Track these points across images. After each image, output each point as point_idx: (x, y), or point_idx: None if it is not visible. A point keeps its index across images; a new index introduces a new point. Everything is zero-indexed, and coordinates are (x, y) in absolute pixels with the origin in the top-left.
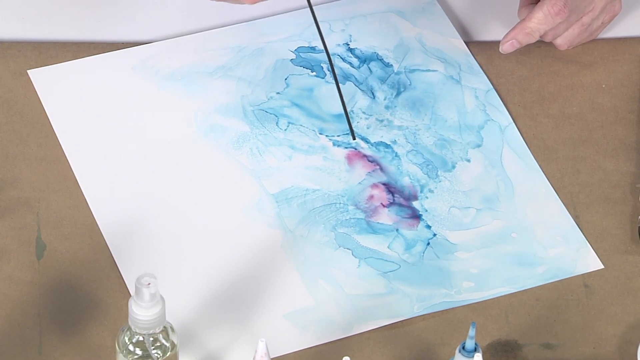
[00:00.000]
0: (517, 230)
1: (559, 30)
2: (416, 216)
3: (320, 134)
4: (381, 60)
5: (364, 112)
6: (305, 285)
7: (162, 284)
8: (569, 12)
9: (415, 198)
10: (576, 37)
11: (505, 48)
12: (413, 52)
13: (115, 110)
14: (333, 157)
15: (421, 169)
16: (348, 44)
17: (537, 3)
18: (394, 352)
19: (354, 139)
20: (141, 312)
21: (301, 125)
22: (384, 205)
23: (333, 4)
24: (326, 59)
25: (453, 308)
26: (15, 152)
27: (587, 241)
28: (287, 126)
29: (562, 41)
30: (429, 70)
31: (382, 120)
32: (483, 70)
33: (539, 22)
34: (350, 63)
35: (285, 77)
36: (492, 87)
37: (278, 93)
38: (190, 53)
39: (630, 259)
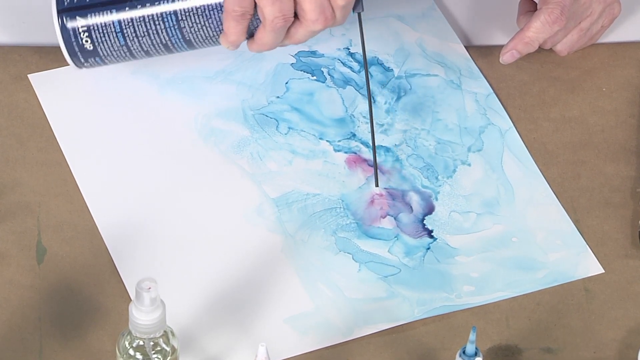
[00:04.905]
0: (518, 235)
1: (557, 37)
2: (422, 227)
3: (320, 138)
4: (381, 64)
5: (364, 117)
6: (305, 290)
7: (162, 288)
8: (567, 19)
9: (429, 211)
10: (575, 42)
11: (506, 59)
12: (413, 56)
13: (116, 114)
14: (333, 161)
15: (422, 173)
16: (348, 49)
17: (534, 11)
18: (395, 356)
19: (377, 186)
20: (141, 317)
21: (302, 130)
22: (384, 210)
23: None
24: (328, 63)
25: (454, 312)
26: (15, 157)
27: (587, 245)
28: (288, 131)
29: (562, 47)
30: (429, 75)
31: (382, 125)
32: (483, 75)
33: (536, 31)
34: (350, 67)
35: (286, 81)
36: (492, 91)
37: (278, 97)
38: (191, 57)
39: (631, 264)
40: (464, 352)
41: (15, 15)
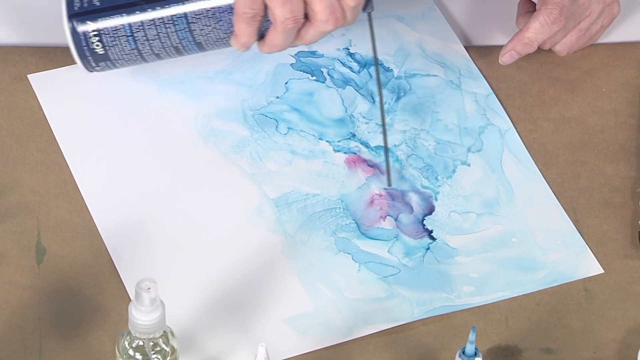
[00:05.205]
0: (517, 235)
1: (556, 38)
2: (422, 227)
3: (320, 139)
4: (381, 64)
5: (364, 117)
6: (305, 290)
7: (162, 288)
8: (566, 19)
9: (429, 211)
10: (575, 42)
11: (505, 60)
12: (413, 56)
13: (116, 114)
14: (333, 161)
15: (421, 173)
16: (348, 49)
17: (533, 12)
18: (394, 356)
19: (390, 185)
20: (141, 317)
21: (301, 130)
22: (384, 210)
23: None
24: (328, 64)
25: (453, 312)
26: (15, 157)
27: (587, 246)
28: (287, 131)
29: (561, 47)
30: (429, 75)
31: (382, 125)
32: (483, 75)
33: (535, 31)
34: (350, 68)
35: (286, 81)
36: (492, 91)
37: (278, 97)
38: (191, 57)
39: (631, 264)
40: (463, 353)
41: (15, 15)
